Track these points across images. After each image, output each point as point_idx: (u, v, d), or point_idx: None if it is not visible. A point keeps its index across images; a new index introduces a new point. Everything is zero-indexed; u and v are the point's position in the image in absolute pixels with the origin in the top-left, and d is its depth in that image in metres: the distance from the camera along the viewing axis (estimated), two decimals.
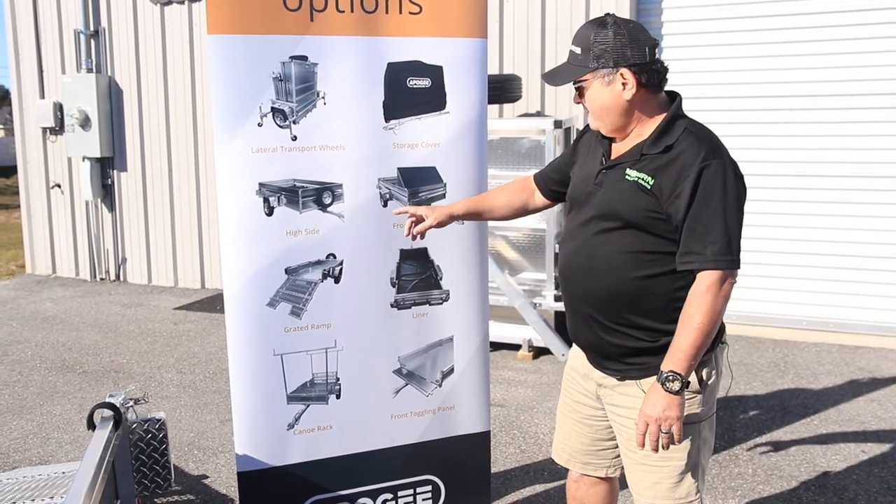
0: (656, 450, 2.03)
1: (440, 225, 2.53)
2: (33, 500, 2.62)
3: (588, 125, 2.34)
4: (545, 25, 6.33)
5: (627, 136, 2.14)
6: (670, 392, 1.97)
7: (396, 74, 2.65)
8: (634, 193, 2.04)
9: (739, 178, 2.05)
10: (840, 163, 5.77)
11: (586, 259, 2.14)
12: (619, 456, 2.36)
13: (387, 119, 2.66)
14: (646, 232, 2.05)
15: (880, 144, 5.66)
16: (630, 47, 2.04)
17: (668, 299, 2.06)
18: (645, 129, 2.10)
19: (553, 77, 2.18)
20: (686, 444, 2.11)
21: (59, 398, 4.76)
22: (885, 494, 3.42)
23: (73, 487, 2.09)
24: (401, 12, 2.62)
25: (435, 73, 2.69)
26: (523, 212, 2.58)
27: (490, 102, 2.80)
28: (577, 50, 2.11)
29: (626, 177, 2.06)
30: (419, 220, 2.53)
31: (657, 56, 2.08)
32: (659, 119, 2.09)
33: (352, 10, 2.57)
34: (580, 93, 2.14)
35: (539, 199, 2.55)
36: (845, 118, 5.72)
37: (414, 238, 2.55)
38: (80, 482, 2.11)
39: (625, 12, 6.04)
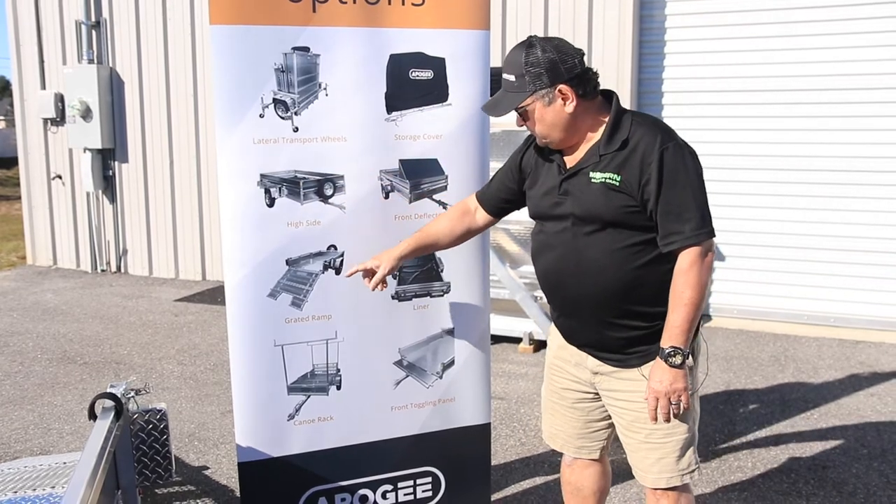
0: (668, 421, 2.14)
1: (392, 270, 2.53)
2: (34, 489, 2.62)
3: (530, 139, 2.40)
4: (548, 17, 6.32)
5: (578, 144, 2.20)
6: (674, 366, 2.09)
7: (399, 66, 2.64)
8: (606, 194, 2.12)
9: (694, 154, 2.13)
10: (842, 157, 5.76)
11: (574, 264, 2.19)
12: (609, 436, 2.47)
13: (389, 111, 2.66)
14: (625, 227, 2.13)
15: (881, 139, 5.65)
16: (561, 63, 2.11)
17: (660, 282, 2.15)
18: (594, 133, 2.18)
19: (495, 108, 2.21)
20: (686, 417, 2.21)
21: (60, 389, 4.77)
22: (884, 489, 3.43)
23: (74, 477, 2.08)
24: (403, 4, 2.61)
25: (437, 64, 2.68)
26: (467, 236, 2.60)
27: (492, 95, 2.79)
28: (511, 77, 2.15)
29: (592, 180, 2.14)
30: (371, 273, 2.52)
31: (586, 65, 2.16)
32: (604, 120, 2.17)
33: (354, 2, 2.56)
34: (524, 117, 2.18)
35: (482, 218, 2.55)
36: (846, 112, 5.71)
37: (378, 289, 2.53)
38: (82, 472, 2.10)
39: (628, 6, 6.02)
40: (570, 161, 2.22)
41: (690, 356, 2.16)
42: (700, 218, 2.07)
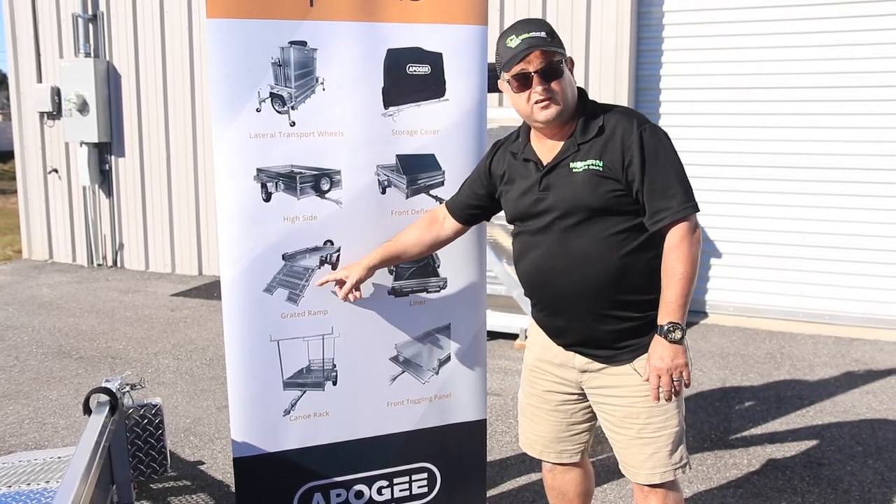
0: (669, 399, 2.13)
1: (360, 280, 2.56)
2: (29, 484, 2.62)
3: (496, 145, 2.41)
4: (546, 13, 6.31)
5: (560, 134, 2.20)
6: (674, 342, 2.07)
7: (396, 61, 2.63)
8: (592, 180, 2.12)
9: (667, 134, 2.17)
10: (839, 155, 5.76)
11: (562, 258, 2.19)
12: (589, 439, 2.47)
13: (386, 106, 2.65)
14: (611, 214, 2.13)
15: (877, 137, 5.66)
16: None
17: (647, 269, 2.16)
18: (568, 128, 2.19)
19: (545, 43, 2.12)
20: (676, 410, 2.22)
21: (55, 383, 4.76)
22: (878, 486, 3.44)
23: (68, 472, 2.08)
24: None
25: (435, 59, 2.68)
26: (435, 246, 2.60)
27: (490, 90, 2.78)
28: (542, 34, 2.13)
29: (574, 170, 2.15)
30: (342, 282, 2.57)
31: None
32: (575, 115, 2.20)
33: None
34: (551, 75, 2.12)
35: (450, 227, 2.55)
36: (843, 110, 5.71)
37: (349, 300, 2.59)
38: (76, 467, 2.10)
39: (626, 2, 6.01)
40: (547, 156, 2.22)
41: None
42: (684, 193, 2.09)
